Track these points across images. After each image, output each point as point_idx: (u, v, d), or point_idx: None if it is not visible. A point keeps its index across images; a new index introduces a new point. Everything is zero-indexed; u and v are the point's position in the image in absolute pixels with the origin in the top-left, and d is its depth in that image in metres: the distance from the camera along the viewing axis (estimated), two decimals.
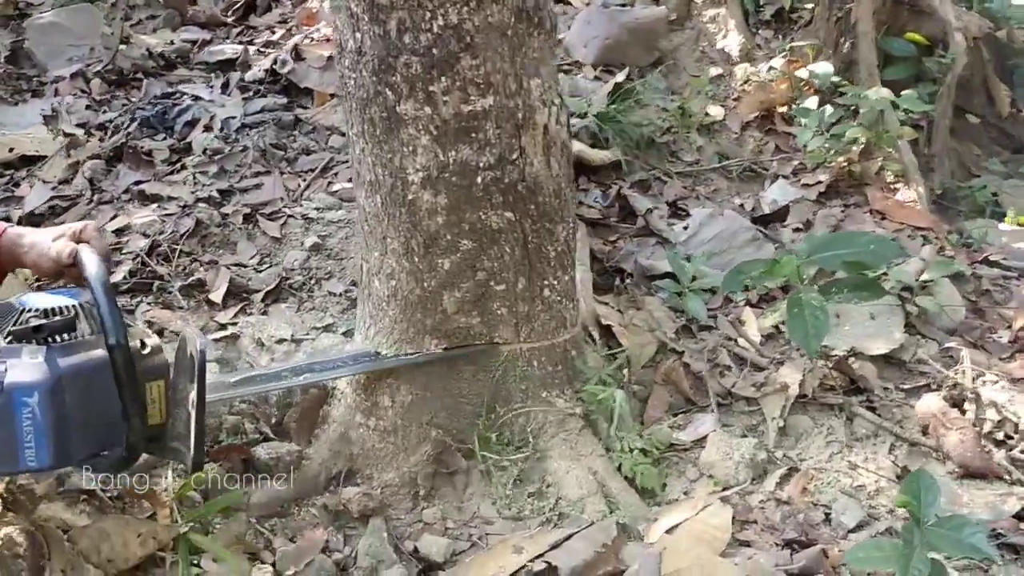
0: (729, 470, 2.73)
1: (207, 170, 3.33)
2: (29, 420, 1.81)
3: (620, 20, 4.31)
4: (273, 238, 3.14)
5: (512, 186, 2.46)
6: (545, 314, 2.65)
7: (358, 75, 2.37)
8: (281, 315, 2.89)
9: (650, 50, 4.38)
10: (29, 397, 1.81)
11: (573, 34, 4.42)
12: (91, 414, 1.88)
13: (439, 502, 2.64)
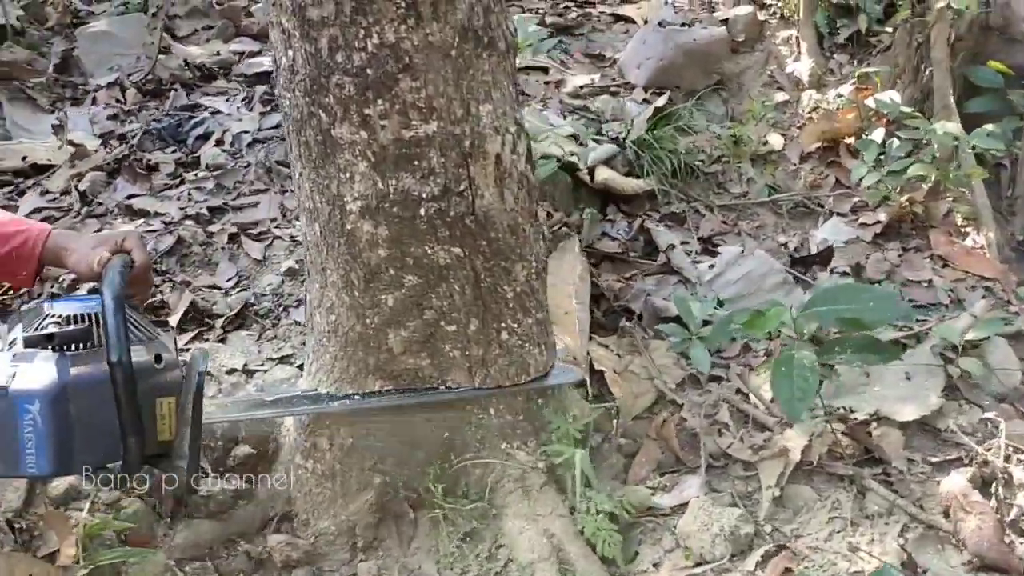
0: (705, 543, 2.46)
1: (203, 186, 3.23)
2: (31, 427, 1.80)
3: (677, 41, 4.04)
4: (255, 260, 3.01)
5: (459, 219, 2.26)
6: (503, 359, 2.43)
7: (292, 95, 2.21)
8: (239, 343, 2.75)
9: (708, 73, 4.10)
10: (31, 404, 1.80)
11: (627, 54, 4.17)
12: (96, 425, 1.84)
13: (379, 555, 2.45)
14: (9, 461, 1.82)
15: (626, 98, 3.92)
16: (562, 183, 3.50)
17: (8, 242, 2.12)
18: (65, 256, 2.09)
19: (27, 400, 1.81)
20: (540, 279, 2.47)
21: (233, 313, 2.81)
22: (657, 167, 3.62)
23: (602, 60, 4.25)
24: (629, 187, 3.54)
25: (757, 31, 4.34)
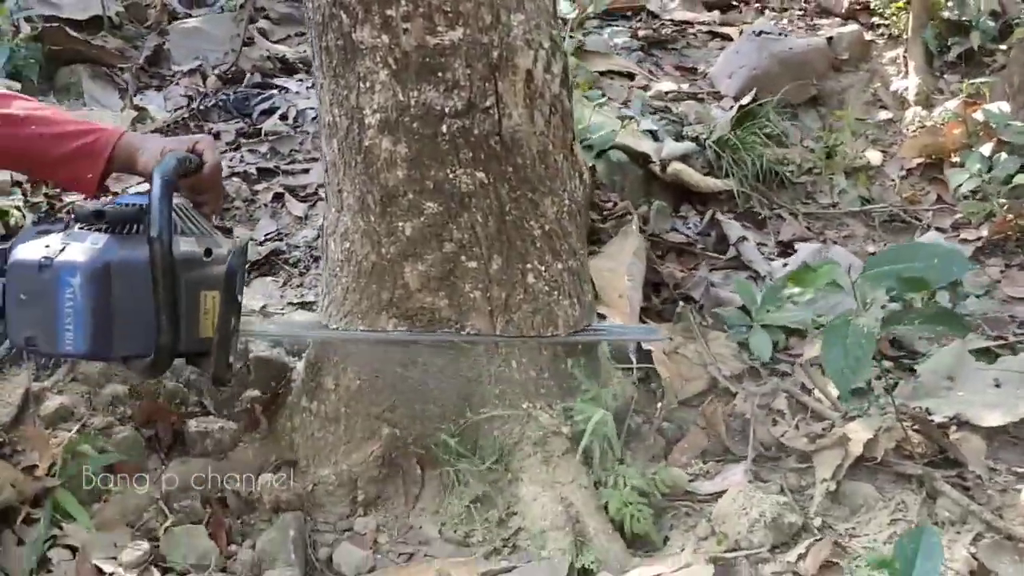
0: (742, 528, 2.17)
1: (257, 150, 3.16)
2: (71, 301, 1.80)
3: (772, 50, 3.84)
4: (296, 217, 2.90)
5: (484, 139, 2.09)
6: (528, 305, 2.23)
7: None
8: (263, 287, 2.62)
9: (805, 85, 3.86)
10: (72, 277, 1.80)
11: (719, 64, 3.99)
12: (137, 312, 1.82)
13: (380, 513, 2.24)
14: (50, 337, 1.82)
15: (711, 104, 3.72)
16: (632, 174, 3.31)
17: (79, 138, 2.06)
18: (136, 156, 2.02)
19: (69, 272, 1.80)
20: (574, 223, 2.28)
21: (261, 258, 2.69)
22: (739, 169, 3.39)
23: (694, 73, 4.07)
24: (704, 184, 3.32)
25: (862, 50, 4.11)
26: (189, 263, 1.87)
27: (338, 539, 2.17)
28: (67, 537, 2.00)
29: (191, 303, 1.87)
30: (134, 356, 1.88)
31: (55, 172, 2.12)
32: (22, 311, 1.84)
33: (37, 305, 1.82)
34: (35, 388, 2.24)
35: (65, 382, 2.29)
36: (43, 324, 1.82)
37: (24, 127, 2.05)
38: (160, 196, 1.81)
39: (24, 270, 1.83)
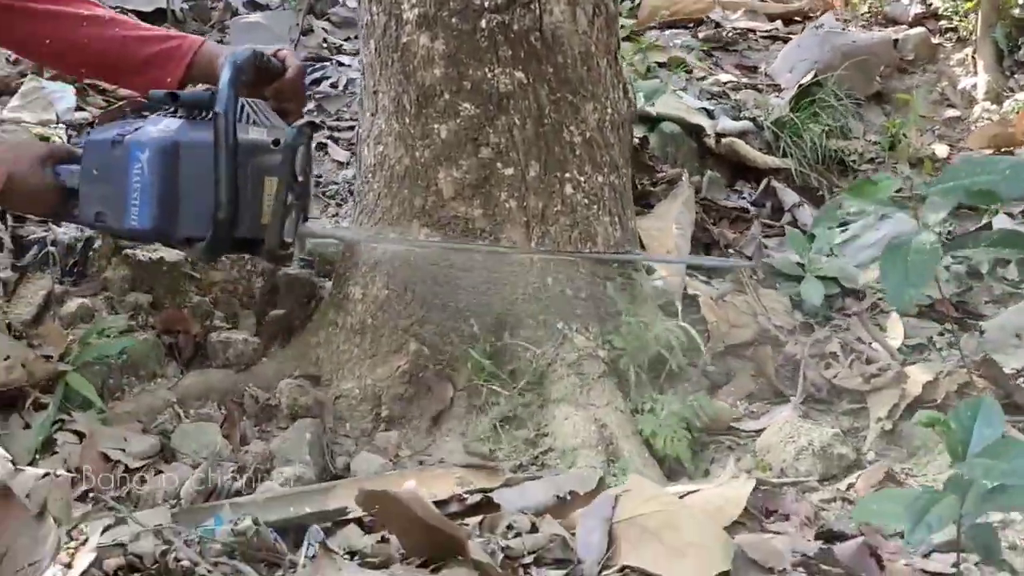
0: (788, 456, 2.03)
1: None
2: (138, 176, 1.85)
3: (834, 43, 3.75)
4: (338, 162, 2.85)
5: (523, 35, 2.03)
6: (566, 218, 2.13)
7: None
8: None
9: (869, 79, 3.76)
10: (142, 152, 1.85)
11: (780, 59, 3.91)
12: (203, 192, 1.85)
13: (403, 429, 2.13)
14: (118, 212, 1.88)
15: (770, 95, 3.63)
16: (685, 147, 3.22)
17: (162, 42, 2.11)
18: (216, 64, 2.01)
19: (138, 148, 1.86)
20: (617, 136, 2.19)
21: None
22: (798, 150, 3.29)
23: (754, 72, 3.99)
24: (760, 160, 3.22)
25: (929, 52, 4.01)
26: (255, 148, 1.89)
27: (357, 450, 2.06)
28: (75, 423, 1.92)
29: (255, 188, 1.90)
30: (197, 238, 1.90)
31: (134, 76, 2.15)
32: (93, 186, 1.90)
33: (108, 180, 1.88)
34: (58, 290, 2.18)
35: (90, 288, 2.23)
36: (112, 199, 1.87)
37: (109, 28, 2.10)
38: (229, 78, 1.85)
39: (98, 147, 1.90)
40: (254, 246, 1.98)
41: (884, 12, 4.51)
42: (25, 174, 1.92)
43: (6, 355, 1.93)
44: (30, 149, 2.03)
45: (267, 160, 1.91)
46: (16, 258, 2.24)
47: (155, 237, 1.99)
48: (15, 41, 2.16)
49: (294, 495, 1.80)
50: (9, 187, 1.90)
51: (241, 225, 1.90)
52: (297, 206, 1.97)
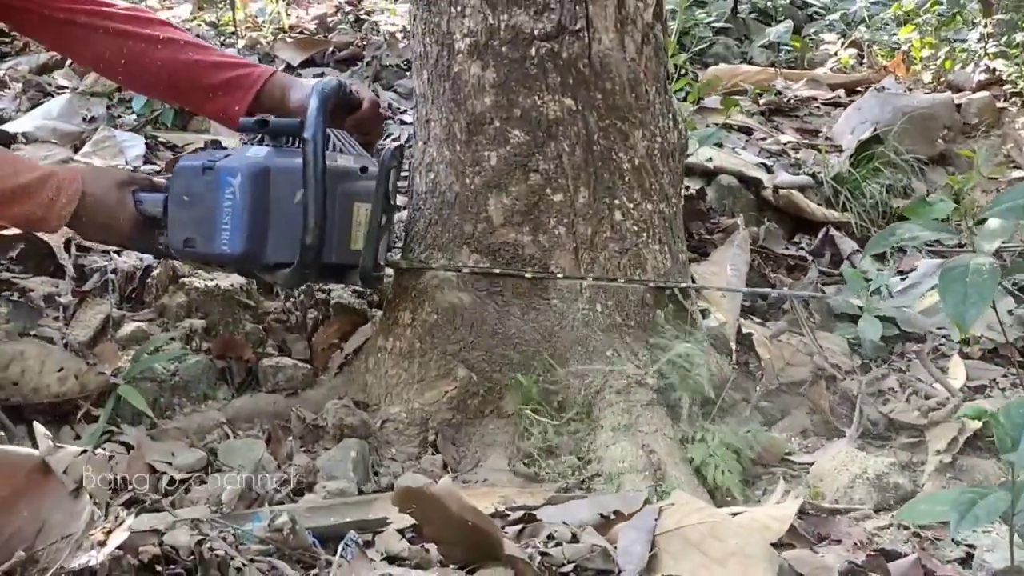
0: (841, 483, 1.98)
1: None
2: (230, 201, 1.87)
3: (895, 104, 3.74)
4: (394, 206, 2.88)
5: (572, 63, 2.07)
6: (615, 244, 2.14)
7: None
8: None
9: (931, 140, 3.73)
10: (233, 178, 1.88)
11: (840, 121, 3.90)
12: (293, 218, 1.88)
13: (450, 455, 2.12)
14: (208, 236, 1.90)
15: (831, 154, 3.62)
16: (743, 199, 3.22)
17: (233, 69, 2.18)
18: (288, 94, 2.11)
19: (230, 173, 1.88)
20: (667, 164, 2.20)
21: None
22: (857, 204, 3.26)
23: (815, 135, 3.99)
24: (819, 212, 3.20)
25: (994, 116, 3.97)
26: (344, 175, 1.94)
27: (403, 471, 2.05)
28: (124, 435, 1.95)
29: (343, 213, 1.94)
30: (284, 264, 1.92)
31: (204, 102, 2.20)
32: (183, 212, 1.92)
33: (198, 205, 1.90)
34: (116, 315, 2.23)
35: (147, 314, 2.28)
36: (202, 224, 1.89)
37: (183, 52, 2.17)
38: (317, 105, 1.88)
39: (189, 172, 1.93)
40: (342, 272, 2.02)
41: (948, 80, 4.50)
42: (102, 196, 1.95)
43: (60, 367, 1.96)
44: (110, 172, 2.09)
45: (355, 187, 1.96)
46: (77, 285, 2.30)
47: (244, 261, 1.97)
48: (91, 58, 2.23)
49: (335, 505, 1.80)
50: (83, 207, 1.93)
51: (329, 251, 1.93)
52: (390, 231, 2.03)
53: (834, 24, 5.94)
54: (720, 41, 5.53)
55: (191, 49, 2.16)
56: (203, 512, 1.61)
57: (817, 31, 5.95)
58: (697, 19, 5.39)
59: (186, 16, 5.37)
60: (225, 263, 2.04)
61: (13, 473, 1.29)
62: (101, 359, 2.10)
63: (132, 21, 2.15)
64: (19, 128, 3.09)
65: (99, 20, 2.12)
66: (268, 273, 1.99)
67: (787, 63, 5.33)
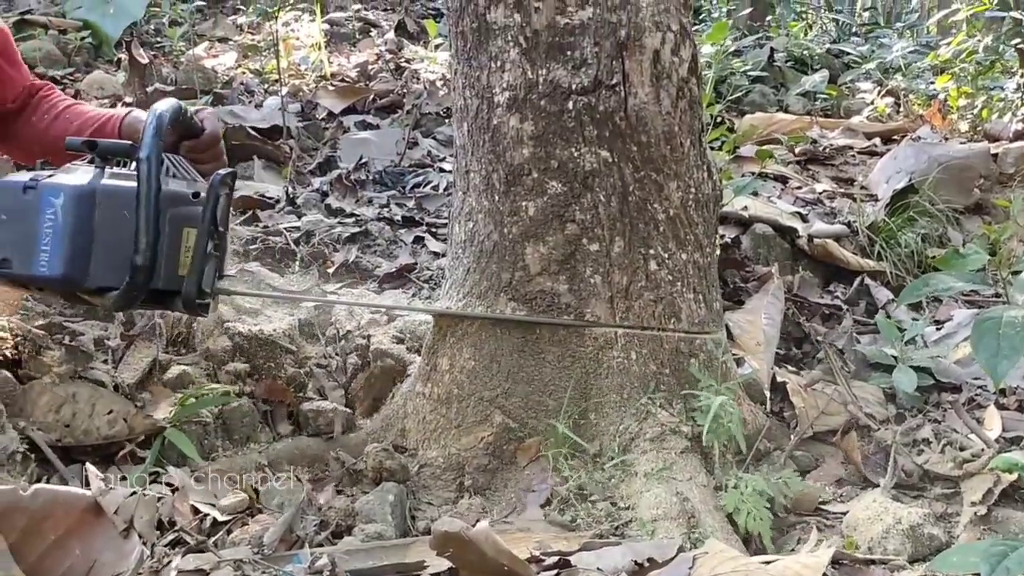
0: (875, 533, 1.99)
1: (405, 203, 3.25)
2: (51, 221, 1.76)
3: (931, 154, 3.77)
4: (434, 253, 2.94)
5: (609, 116, 2.12)
6: (650, 294, 2.18)
7: None
8: (391, 296, 2.64)
9: (966, 191, 3.75)
10: (56, 198, 1.77)
11: (875, 170, 3.93)
12: (119, 241, 1.79)
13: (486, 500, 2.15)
14: (25, 257, 1.78)
15: (866, 203, 3.64)
16: (778, 248, 3.25)
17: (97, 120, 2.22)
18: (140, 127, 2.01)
19: (52, 193, 1.77)
20: (702, 216, 2.24)
21: (394, 270, 2.73)
22: (893, 254, 3.28)
23: (850, 184, 4.02)
24: (855, 262, 3.22)
25: None
26: (175, 199, 1.86)
27: (440, 516, 2.08)
28: (169, 477, 1.99)
29: (173, 238, 1.84)
30: (109, 288, 1.82)
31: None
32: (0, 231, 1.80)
33: (17, 225, 1.78)
34: (162, 358, 2.29)
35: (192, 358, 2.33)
36: (20, 244, 1.78)
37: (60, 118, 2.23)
38: (153, 126, 1.82)
39: (8, 190, 1.81)
40: (170, 299, 1.91)
41: (985, 129, 4.51)
42: None
43: (110, 409, 2.02)
44: None
45: (186, 211, 1.87)
46: (126, 329, 2.36)
47: (64, 284, 1.85)
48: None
49: (373, 549, 1.83)
50: None
51: (158, 276, 1.83)
52: (216, 258, 1.93)
53: (870, 73, 5.98)
54: (757, 89, 5.58)
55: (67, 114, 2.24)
56: (245, 553, 1.66)
57: (853, 80, 5.99)
58: (734, 67, 5.45)
59: (231, 64, 5.51)
60: (43, 286, 1.94)
61: (67, 512, 1.34)
62: (148, 402, 2.15)
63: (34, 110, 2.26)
64: None
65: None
66: (93, 297, 1.90)
67: (823, 112, 5.37)
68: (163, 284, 1.84)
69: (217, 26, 6.46)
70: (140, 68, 4.57)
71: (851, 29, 8.20)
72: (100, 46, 5.37)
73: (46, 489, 1.41)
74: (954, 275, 2.08)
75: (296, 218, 3.12)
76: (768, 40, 6.39)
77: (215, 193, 1.88)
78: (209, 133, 2.11)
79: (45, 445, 1.93)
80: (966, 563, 1.40)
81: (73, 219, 1.76)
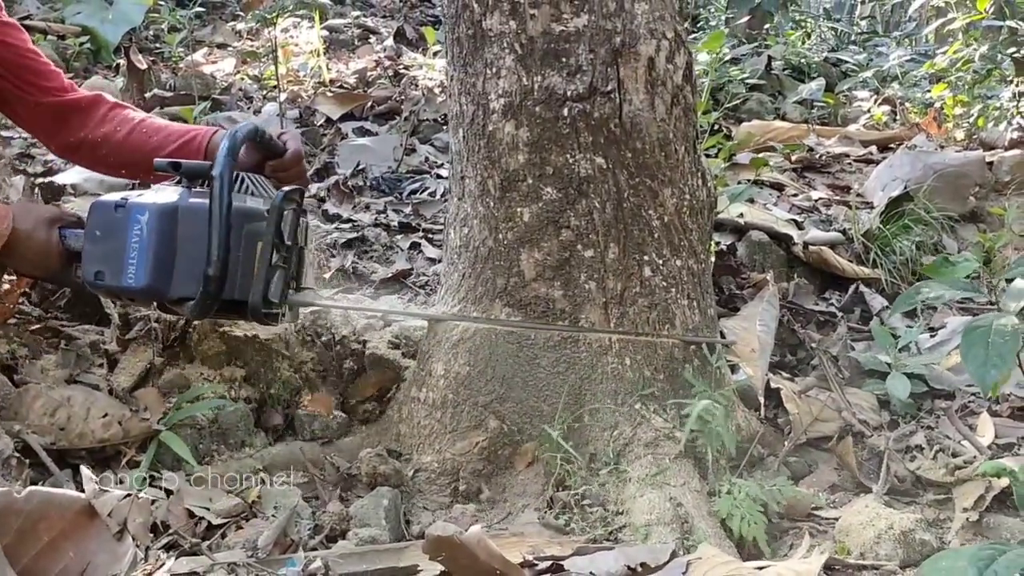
0: (867, 538, 1.99)
1: (401, 209, 3.27)
2: (137, 237, 1.93)
3: (926, 162, 3.78)
4: (430, 259, 2.95)
5: (604, 123, 2.13)
6: (644, 300, 2.18)
7: None
8: (387, 301, 2.65)
9: (962, 199, 3.76)
10: (142, 215, 1.94)
11: (871, 178, 3.94)
12: (199, 255, 1.92)
13: (479, 505, 2.16)
14: (115, 268, 1.96)
15: (861, 210, 3.65)
16: (773, 255, 3.26)
17: (182, 137, 2.28)
18: None
19: (140, 211, 1.95)
20: (696, 222, 2.25)
21: (390, 276, 2.74)
22: (888, 261, 3.29)
23: (846, 191, 4.03)
24: (849, 269, 3.23)
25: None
26: (250, 215, 1.98)
27: (434, 520, 2.09)
28: (164, 481, 2.00)
29: (247, 252, 1.97)
30: (188, 298, 1.97)
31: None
32: (95, 246, 1.99)
33: (109, 240, 1.96)
34: (158, 362, 2.29)
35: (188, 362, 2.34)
36: (111, 258, 1.95)
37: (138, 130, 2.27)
38: (227, 147, 1.95)
39: (102, 209, 1.99)
40: (243, 309, 2.03)
41: (980, 138, 4.53)
42: (31, 231, 2.05)
43: (105, 413, 2.03)
44: (38, 209, 2.17)
45: (260, 227, 1.99)
46: (122, 332, 2.36)
47: (149, 294, 2.02)
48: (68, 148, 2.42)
49: (367, 553, 1.84)
50: (13, 242, 2.03)
51: (232, 287, 1.96)
52: (285, 270, 2.04)
53: (868, 81, 6.00)
54: (754, 97, 5.59)
55: (145, 127, 2.31)
56: (239, 556, 1.66)
57: (851, 88, 6.01)
58: (731, 75, 5.46)
59: (230, 70, 5.52)
60: (131, 296, 2.10)
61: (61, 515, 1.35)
62: (144, 405, 2.16)
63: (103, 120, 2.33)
64: (67, 180, 3.19)
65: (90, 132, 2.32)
66: (175, 306, 2.04)
67: (820, 119, 5.38)
68: (238, 295, 1.98)
69: (216, 32, 6.47)
70: (139, 74, 4.57)
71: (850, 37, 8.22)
72: (99, 51, 5.37)
73: (40, 491, 1.41)
74: (947, 283, 2.08)
75: None
76: (766, 48, 6.40)
77: (279, 208, 2.00)
78: (292, 153, 2.22)
79: (40, 448, 1.94)
80: (955, 568, 1.40)
81: (156, 235, 1.93)
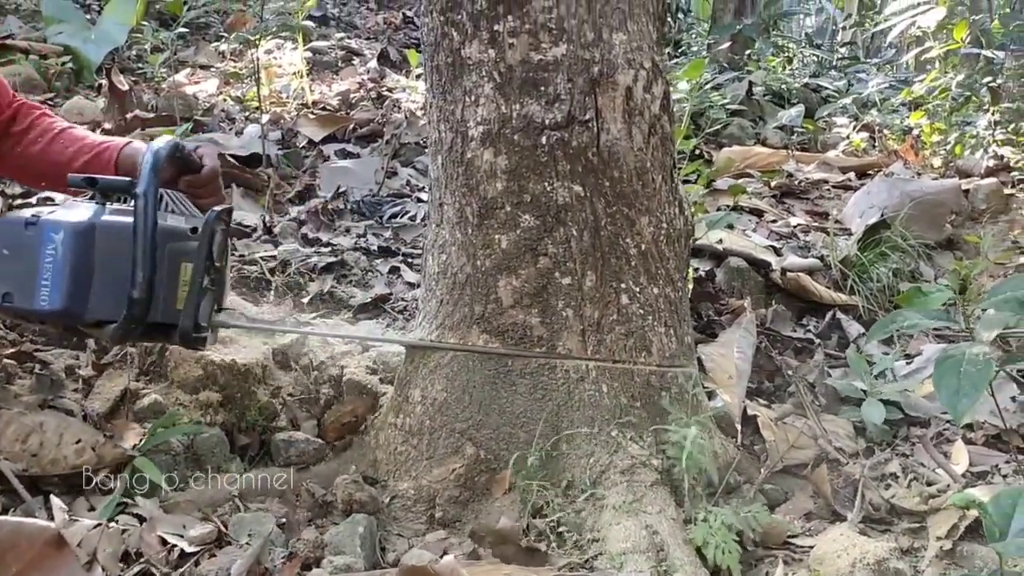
0: (842, 568, 2.00)
1: (381, 234, 3.26)
2: (51, 256, 1.81)
3: (904, 189, 3.81)
4: (409, 283, 2.95)
5: (582, 152, 2.14)
6: (621, 328, 2.19)
7: (429, 17, 2.23)
8: (365, 326, 2.64)
9: (938, 226, 3.79)
10: (56, 233, 1.82)
11: (849, 205, 3.97)
12: (117, 275, 1.83)
13: (456, 533, 2.15)
14: (26, 292, 1.82)
15: (839, 237, 3.68)
16: (751, 281, 3.27)
17: (94, 149, 2.23)
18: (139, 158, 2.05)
19: (53, 229, 1.83)
20: (673, 250, 2.26)
21: (368, 301, 2.73)
22: (865, 288, 3.31)
23: (825, 218, 4.06)
24: (827, 295, 3.24)
25: (1002, 202, 4.03)
26: (173, 234, 1.90)
27: (410, 547, 2.08)
28: (137, 508, 1.99)
29: (171, 273, 1.89)
30: (107, 321, 1.87)
31: None
32: (2, 266, 1.85)
33: (18, 260, 1.84)
34: (134, 387, 2.29)
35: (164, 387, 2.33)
36: (21, 279, 1.82)
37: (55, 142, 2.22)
38: (151, 164, 1.87)
39: (10, 227, 1.86)
40: (167, 332, 1.95)
41: (957, 165, 4.57)
42: None
43: (78, 439, 2.02)
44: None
45: (184, 246, 1.92)
46: (97, 357, 2.36)
47: (64, 318, 1.91)
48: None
49: None
50: None
51: (155, 309, 1.87)
52: (213, 292, 1.98)
53: (847, 107, 6.04)
54: (735, 122, 5.64)
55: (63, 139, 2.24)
56: None
57: (830, 114, 6.06)
58: (712, 101, 5.50)
59: (212, 91, 5.52)
60: (43, 319, 2.00)
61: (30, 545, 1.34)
62: (118, 431, 2.15)
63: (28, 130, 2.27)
64: None
65: None
66: (92, 330, 1.94)
67: (800, 145, 5.42)
68: (161, 317, 1.89)
69: (199, 53, 6.48)
70: (120, 94, 4.57)
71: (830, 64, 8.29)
72: (81, 71, 5.37)
73: (9, 521, 1.40)
74: (923, 312, 2.10)
75: (272, 247, 3.12)
76: (747, 74, 6.45)
77: (211, 228, 1.93)
78: (208, 169, 2.14)
79: (11, 475, 1.93)
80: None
81: (72, 254, 1.81)
